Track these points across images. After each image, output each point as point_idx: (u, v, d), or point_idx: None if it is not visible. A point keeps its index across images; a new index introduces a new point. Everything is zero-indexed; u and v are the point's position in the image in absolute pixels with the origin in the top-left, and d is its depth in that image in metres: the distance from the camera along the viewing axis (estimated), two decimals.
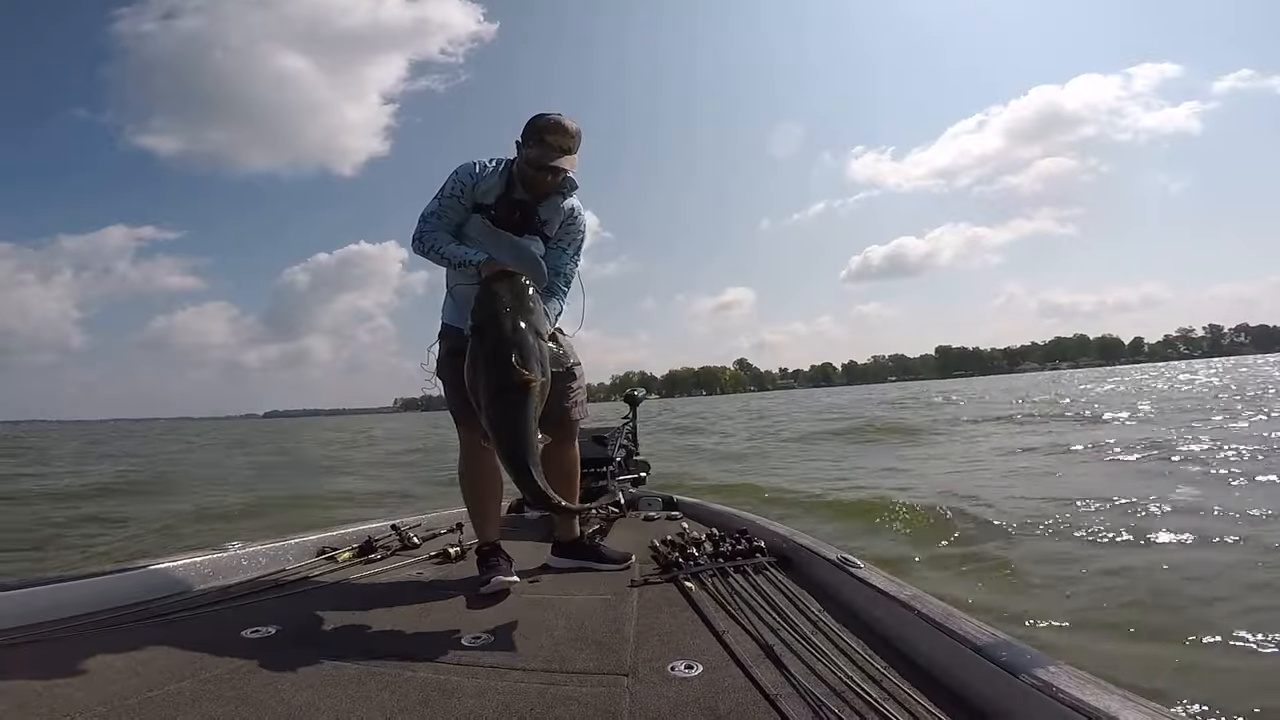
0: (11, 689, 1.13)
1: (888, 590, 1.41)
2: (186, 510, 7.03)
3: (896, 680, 1.13)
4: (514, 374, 1.51)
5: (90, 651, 1.30)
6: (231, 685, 1.16)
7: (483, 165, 1.84)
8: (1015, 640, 1.10)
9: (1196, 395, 18.58)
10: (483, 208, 1.83)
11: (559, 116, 1.77)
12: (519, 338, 1.56)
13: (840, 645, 1.30)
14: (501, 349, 1.54)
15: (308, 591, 1.79)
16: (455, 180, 1.82)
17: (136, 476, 11.26)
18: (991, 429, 13.10)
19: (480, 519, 1.99)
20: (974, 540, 4.25)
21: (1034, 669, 0.97)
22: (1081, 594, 3.15)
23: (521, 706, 1.08)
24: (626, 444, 3.39)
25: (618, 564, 2.01)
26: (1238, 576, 3.17)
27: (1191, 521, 4.20)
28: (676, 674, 1.21)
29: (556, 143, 1.74)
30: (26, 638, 1.37)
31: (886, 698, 1.07)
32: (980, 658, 1.06)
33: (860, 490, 6.48)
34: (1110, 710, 0.84)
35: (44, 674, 1.19)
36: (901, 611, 1.32)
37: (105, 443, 26.85)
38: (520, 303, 1.62)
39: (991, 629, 1.15)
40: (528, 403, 1.53)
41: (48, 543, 5.53)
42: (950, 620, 1.20)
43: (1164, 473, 6.24)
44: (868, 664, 1.21)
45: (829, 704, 1.05)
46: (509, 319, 1.58)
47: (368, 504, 7.72)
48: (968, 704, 1.05)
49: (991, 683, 1.03)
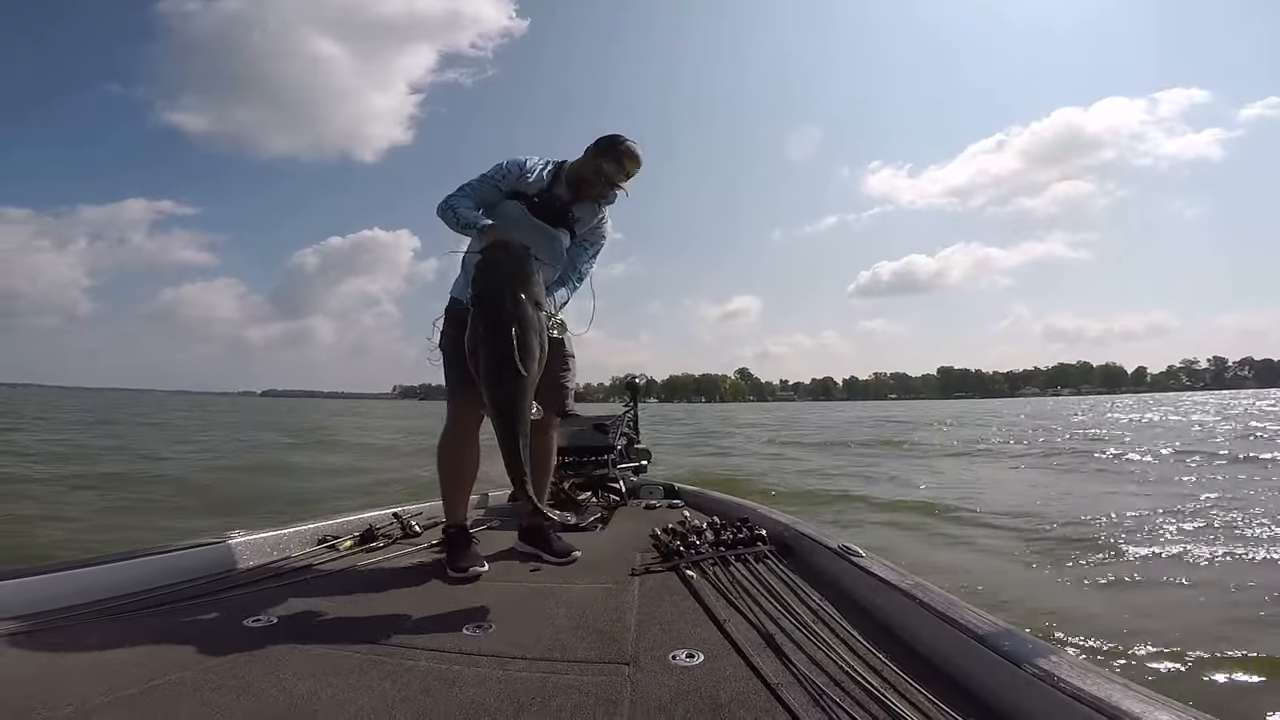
0: (11, 678, 1.13)
1: (889, 579, 1.41)
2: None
3: (898, 669, 1.13)
4: (512, 346, 1.54)
5: (91, 641, 1.30)
6: (233, 674, 1.16)
7: (533, 162, 2.02)
8: (1017, 629, 1.10)
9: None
10: (523, 196, 1.99)
11: (637, 148, 2.00)
12: (520, 311, 1.59)
13: (841, 634, 1.30)
14: (503, 318, 1.57)
15: (309, 580, 1.80)
16: (501, 168, 1.98)
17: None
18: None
19: (452, 499, 2.05)
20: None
21: (1036, 658, 0.97)
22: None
23: (523, 695, 1.09)
24: (628, 432, 3.40)
25: (561, 558, 2.00)
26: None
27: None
28: (678, 663, 1.21)
29: (630, 169, 2.01)
30: (26, 627, 1.37)
31: (888, 687, 1.07)
32: (983, 647, 1.06)
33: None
34: (1112, 699, 0.84)
35: (44, 664, 1.19)
36: (903, 600, 1.32)
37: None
38: (521, 270, 1.64)
39: (994, 618, 1.15)
40: (524, 379, 1.56)
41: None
42: (952, 609, 1.19)
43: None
44: (869, 653, 1.21)
45: (830, 693, 1.05)
46: (509, 289, 1.60)
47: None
48: (970, 693, 1.05)
49: (994, 672, 1.03)
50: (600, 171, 1.99)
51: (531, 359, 1.59)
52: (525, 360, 1.56)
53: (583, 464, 3.17)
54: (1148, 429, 18.00)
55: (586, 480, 2.98)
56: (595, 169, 1.99)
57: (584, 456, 3.21)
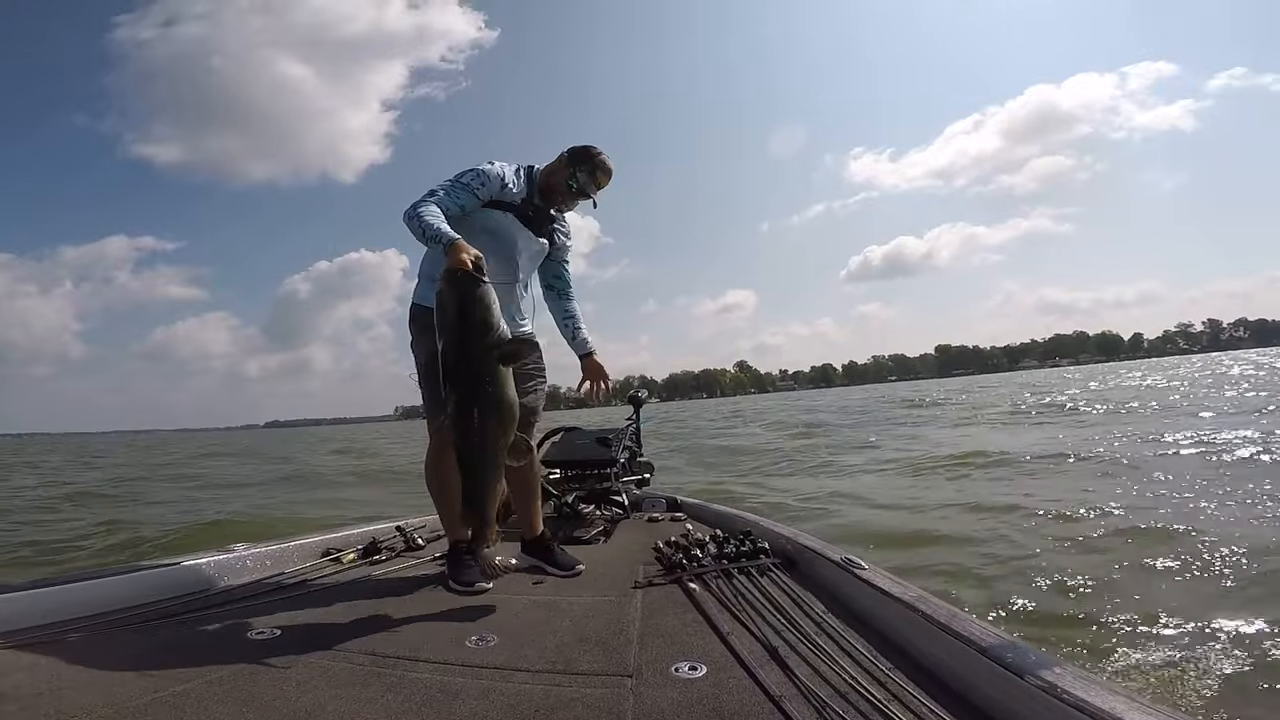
0: (18, 690, 1.13)
1: (892, 591, 1.41)
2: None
3: (901, 682, 1.13)
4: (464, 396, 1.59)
5: (96, 653, 1.31)
6: (237, 686, 1.17)
7: (509, 173, 1.99)
8: (1020, 642, 1.10)
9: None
10: (504, 205, 1.97)
11: (610, 161, 2.06)
12: (469, 362, 1.60)
13: (845, 647, 1.30)
14: (454, 370, 1.60)
15: (312, 593, 1.80)
16: (480, 175, 1.93)
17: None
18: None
19: (449, 518, 2.01)
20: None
21: (1039, 670, 0.97)
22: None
23: (526, 708, 1.09)
24: (630, 445, 3.39)
25: (565, 570, 1.98)
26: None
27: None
28: (680, 675, 1.21)
29: (602, 181, 2.06)
30: (32, 639, 1.38)
31: (891, 699, 1.07)
32: (985, 659, 1.06)
33: None
34: (1115, 711, 0.84)
35: (50, 675, 1.20)
36: (906, 613, 1.32)
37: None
38: (471, 306, 1.61)
39: (996, 630, 1.15)
40: (481, 424, 1.60)
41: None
42: (955, 622, 1.19)
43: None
44: (872, 665, 1.21)
45: (834, 705, 1.05)
46: (457, 335, 1.60)
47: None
48: (973, 706, 1.05)
49: (997, 684, 1.02)
50: (578, 184, 2.02)
51: (489, 407, 1.61)
52: (481, 411, 1.60)
53: (585, 477, 3.17)
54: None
55: (589, 493, 2.98)
56: (567, 178, 2.02)
57: (587, 470, 3.20)
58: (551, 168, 2.06)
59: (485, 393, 1.60)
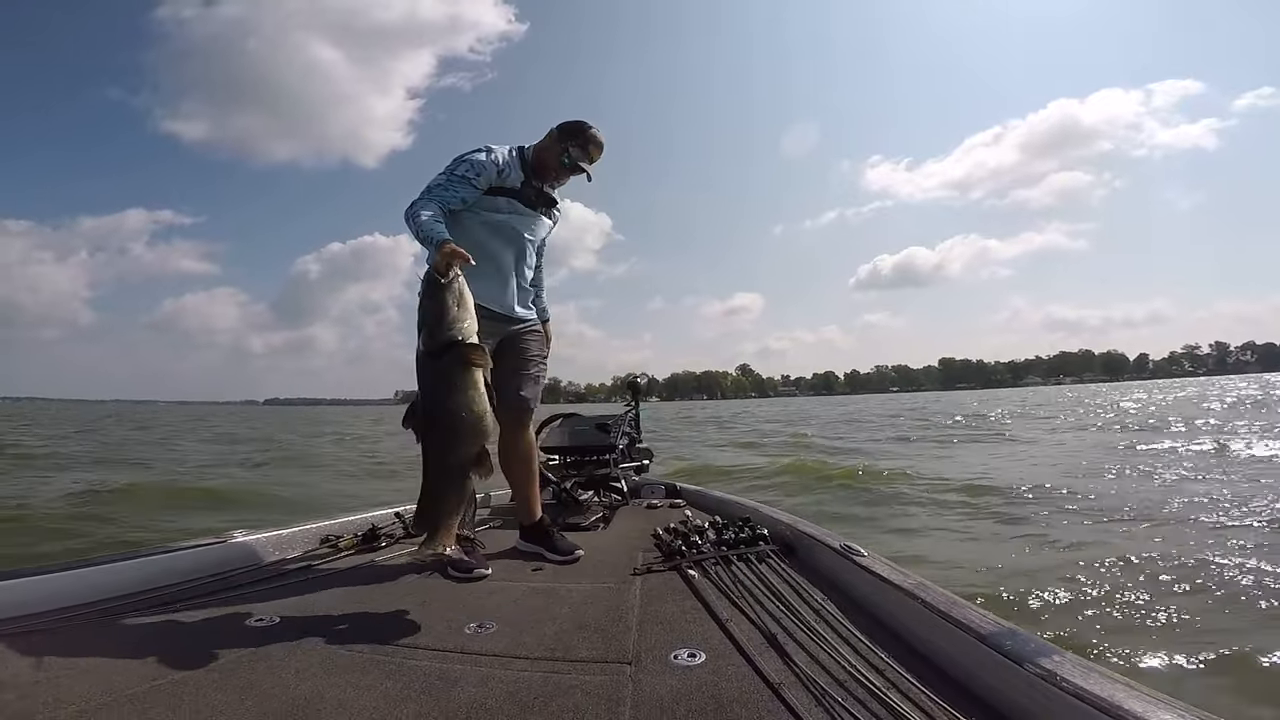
0: (14, 679, 1.13)
1: (891, 579, 1.41)
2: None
3: (900, 669, 1.13)
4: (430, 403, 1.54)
5: (94, 641, 1.30)
6: (236, 674, 1.17)
7: (503, 155, 1.98)
8: (1020, 629, 1.10)
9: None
10: (505, 190, 1.98)
11: (601, 135, 2.05)
12: (433, 376, 1.55)
13: (844, 634, 1.30)
14: (424, 380, 1.55)
15: (311, 580, 1.80)
16: (475, 166, 1.93)
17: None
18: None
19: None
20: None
21: (1039, 658, 0.97)
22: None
23: (524, 695, 1.09)
24: (629, 431, 3.39)
25: (564, 557, 1.99)
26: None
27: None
28: (679, 662, 1.21)
29: (595, 155, 2.06)
30: (29, 627, 1.38)
31: (890, 686, 1.07)
32: (985, 646, 1.06)
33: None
34: (1114, 698, 0.84)
35: (46, 664, 1.19)
36: (905, 600, 1.32)
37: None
38: (446, 304, 1.56)
39: (996, 618, 1.15)
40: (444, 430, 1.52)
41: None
42: (954, 609, 1.19)
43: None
44: (871, 653, 1.21)
45: (832, 693, 1.05)
46: (430, 341, 1.55)
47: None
48: (972, 693, 1.05)
49: (996, 672, 1.02)
50: (571, 159, 2.02)
51: (445, 414, 1.51)
52: (437, 418, 1.52)
53: (584, 463, 3.17)
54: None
55: (588, 480, 2.98)
56: (560, 155, 2.01)
57: (586, 456, 3.20)
58: (543, 145, 2.05)
59: (443, 399, 1.52)
